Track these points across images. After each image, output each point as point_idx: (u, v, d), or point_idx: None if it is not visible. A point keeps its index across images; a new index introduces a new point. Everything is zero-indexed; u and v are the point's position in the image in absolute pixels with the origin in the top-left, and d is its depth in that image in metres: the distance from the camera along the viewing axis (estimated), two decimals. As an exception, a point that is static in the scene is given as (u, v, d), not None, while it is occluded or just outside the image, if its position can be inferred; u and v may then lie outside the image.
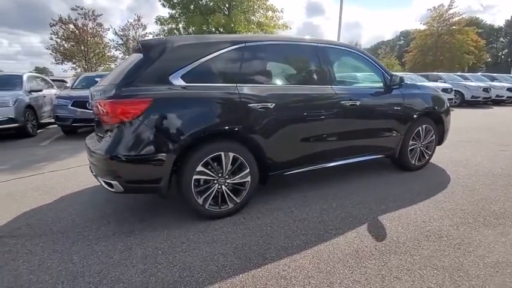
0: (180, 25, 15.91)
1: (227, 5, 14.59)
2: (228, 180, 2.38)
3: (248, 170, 2.42)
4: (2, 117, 5.62)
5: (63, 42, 23.65)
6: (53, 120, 6.81)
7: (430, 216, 2.39)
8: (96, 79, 6.81)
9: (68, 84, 10.69)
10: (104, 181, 2.18)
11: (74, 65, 24.80)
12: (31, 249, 2.02)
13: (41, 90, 7.11)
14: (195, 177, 2.21)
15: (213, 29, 15.04)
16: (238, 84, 2.34)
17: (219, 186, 2.35)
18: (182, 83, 2.18)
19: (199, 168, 2.22)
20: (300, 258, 1.87)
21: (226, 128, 2.28)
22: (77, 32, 23.24)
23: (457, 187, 3.01)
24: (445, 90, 11.05)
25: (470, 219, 2.33)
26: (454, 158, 4.09)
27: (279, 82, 2.60)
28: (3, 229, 2.32)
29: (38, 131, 6.81)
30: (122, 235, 2.18)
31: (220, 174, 2.33)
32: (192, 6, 14.82)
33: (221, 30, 15.18)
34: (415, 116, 3.32)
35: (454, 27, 29.99)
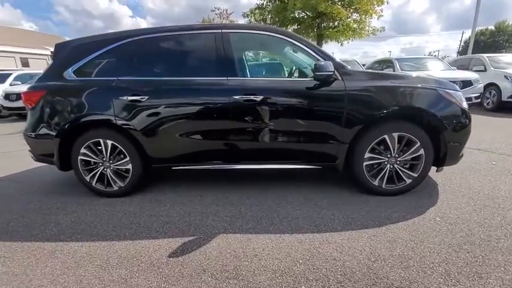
0: (268, 16, 15.97)
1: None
2: (112, 165, 2.62)
3: (128, 158, 2.57)
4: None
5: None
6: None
7: (286, 254, 1.78)
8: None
9: None
10: None
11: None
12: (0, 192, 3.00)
13: None
14: (80, 157, 2.60)
15: (294, 14, 14.37)
16: (118, 78, 2.50)
17: (104, 169, 2.64)
18: (73, 77, 2.57)
19: (83, 150, 2.58)
20: (80, 247, 1.92)
21: (100, 118, 2.50)
22: None
23: (404, 234, 1.98)
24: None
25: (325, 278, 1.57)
26: (484, 192, 2.55)
27: (159, 75, 2.50)
28: (9, 176, 3.48)
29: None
30: (41, 194, 2.86)
31: (104, 159, 2.61)
32: None
33: (306, 13, 14.30)
34: (371, 118, 2.34)
35: None
